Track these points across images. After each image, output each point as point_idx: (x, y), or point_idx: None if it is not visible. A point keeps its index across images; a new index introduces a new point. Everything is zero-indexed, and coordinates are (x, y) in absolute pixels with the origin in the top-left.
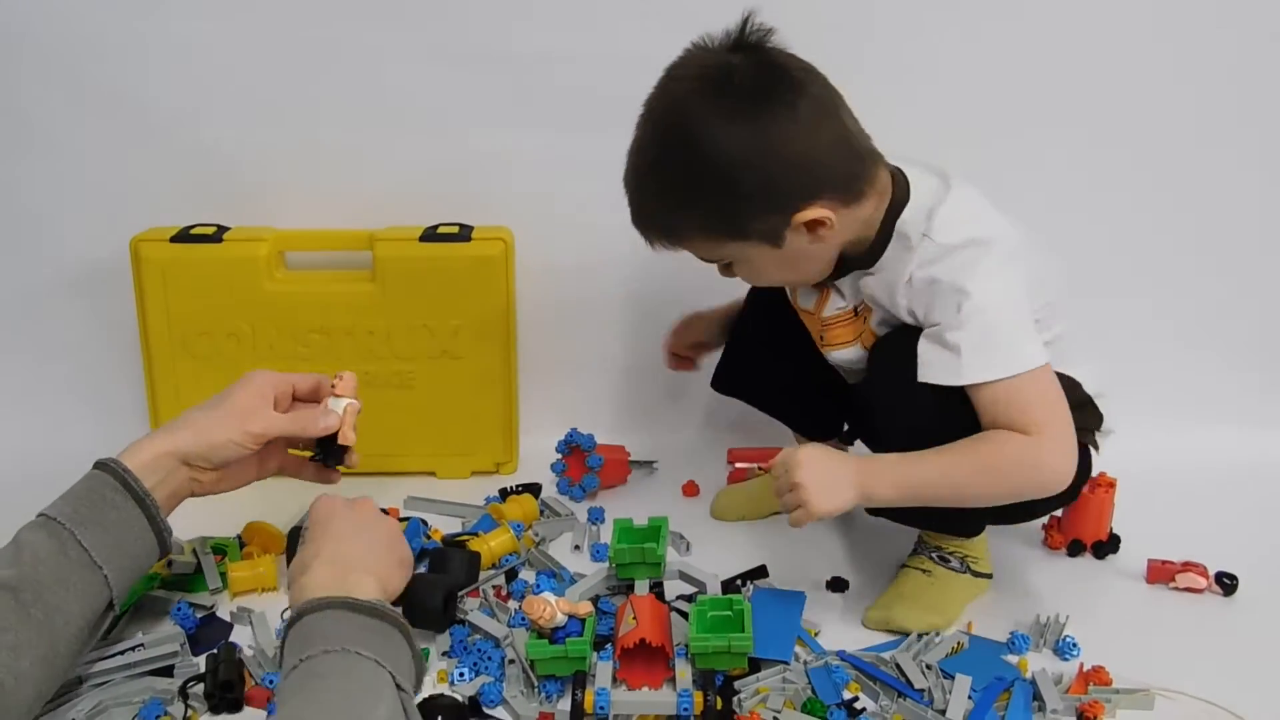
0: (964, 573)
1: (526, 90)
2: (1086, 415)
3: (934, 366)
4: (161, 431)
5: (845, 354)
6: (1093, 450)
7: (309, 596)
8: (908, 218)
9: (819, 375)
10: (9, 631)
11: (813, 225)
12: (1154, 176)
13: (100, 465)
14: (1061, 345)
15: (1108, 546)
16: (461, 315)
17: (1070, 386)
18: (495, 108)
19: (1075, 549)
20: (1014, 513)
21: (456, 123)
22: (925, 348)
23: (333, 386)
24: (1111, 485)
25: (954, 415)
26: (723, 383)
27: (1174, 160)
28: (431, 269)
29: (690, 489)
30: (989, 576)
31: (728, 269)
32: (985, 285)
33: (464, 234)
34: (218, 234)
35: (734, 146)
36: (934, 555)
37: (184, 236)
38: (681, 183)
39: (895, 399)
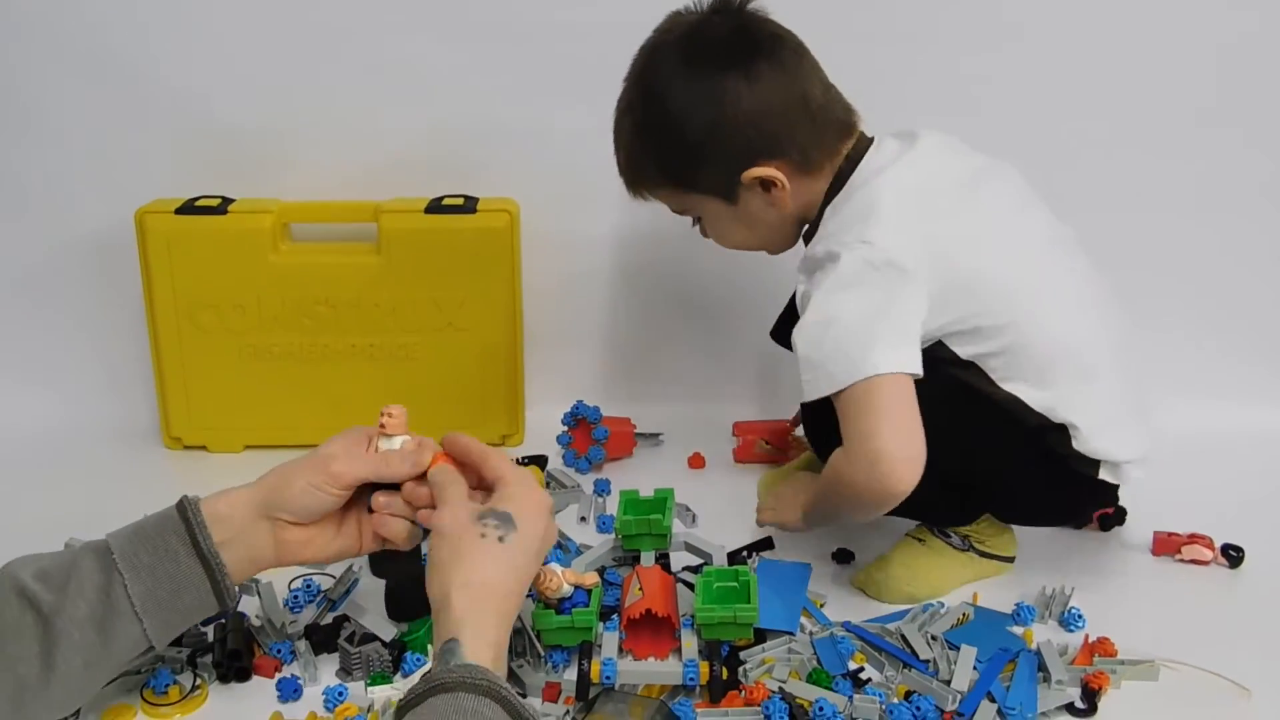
0: (965, 550)
1: (531, 61)
2: (1055, 439)
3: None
4: (255, 483)
5: None
6: (1106, 478)
7: (479, 649)
8: (826, 215)
9: None
10: (25, 662)
11: (766, 185)
12: (1162, 149)
13: (180, 505)
14: (1012, 361)
15: (1113, 519)
16: (467, 287)
17: (1022, 411)
18: (500, 79)
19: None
20: (1043, 517)
21: (461, 94)
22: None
23: (381, 426)
24: None
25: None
26: (781, 335)
27: (1180, 133)
28: (437, 241)
29: (696, 461)
30: (1007, 560)
31: (699, 226)
32: (820, 298)
33: (469, 206)
34: (222, 206)
35: (686, 100)
36: (935, 528)
37: (189, 208)
38: (641, 132)
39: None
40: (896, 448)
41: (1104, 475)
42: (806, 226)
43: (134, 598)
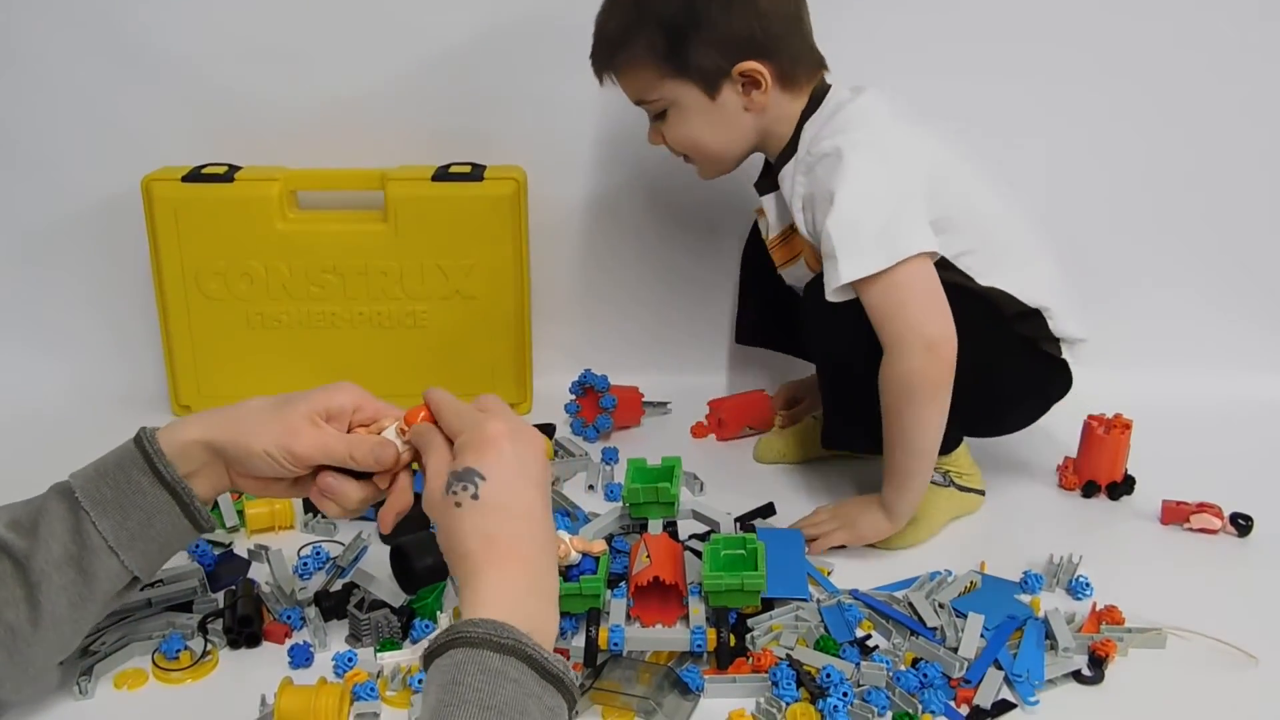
0: (946, 485)
1: (538, 28)
2: (1031, 324)
3: (829, 282)
4: (211, 413)
5: (791, 273)
6: (1067, 359)
7: (489, 605)
8: (806, 131)
9: None
10: (11, 607)
11: (749, 85)
12: (1170, 118)
13: (137, 439)
14: (986, 256)
15: (1122, 488)
16: (474, 255)
17: (1005, 301)
18: (507, 46)
19: (1090, 490)
20: (978, 426)
21: (469, 61)
22: (825, 266)
23: (403, 431)
24: (1128, 427)
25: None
26: (744, 336)
27: (1191, 99)
28: (444, 208)
29: (702, 430)
30: (980, 492)
31: (659, 121)
32: (848, 187)
33: (476, 173)
34: (229, 174)
35: None
36: None
37: (195, 176)
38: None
39: (815, 328)
40: (944, 328)
41: (1066, 356)
42: (759, 152)
43: (104, 533)
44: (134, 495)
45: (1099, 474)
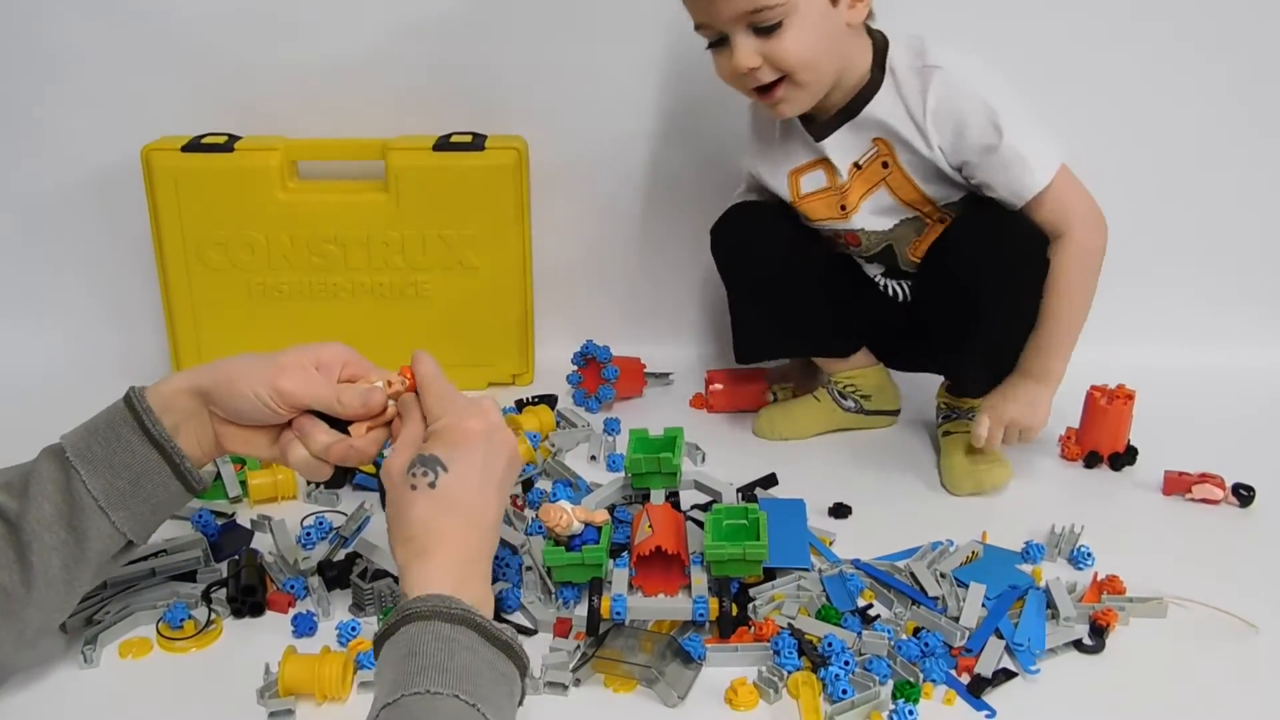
0: (957, 419)
1: None
2: None
3: (1019, 183)
4: (201, 366)
5: (869, 206)
6: None
7: (434, 585)
8: (896, 56)
9: (817, 302)
10: (3, 569)
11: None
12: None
13: (126, 398)
14: None
15: (1124, 458)
16: (475, 225)
17: None
18: (509, 15)
19: (1092, 460)
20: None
21: (470, 30)
22: (995, 175)
23: (390, 384)
24: (1130, 397)
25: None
26: (745, 355)
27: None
28: (445, 178)
29: (701, 401)
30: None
31: (763, 36)
32: (1002, 94)
33: (477, 143)
34: (229, 143)
35: None
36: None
37: (195, 146)
38: None
39: (968, 255)
40: (1096, 204)
41: None
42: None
43: (94, 492)
44: (123, 454)
45: (1101, 445)
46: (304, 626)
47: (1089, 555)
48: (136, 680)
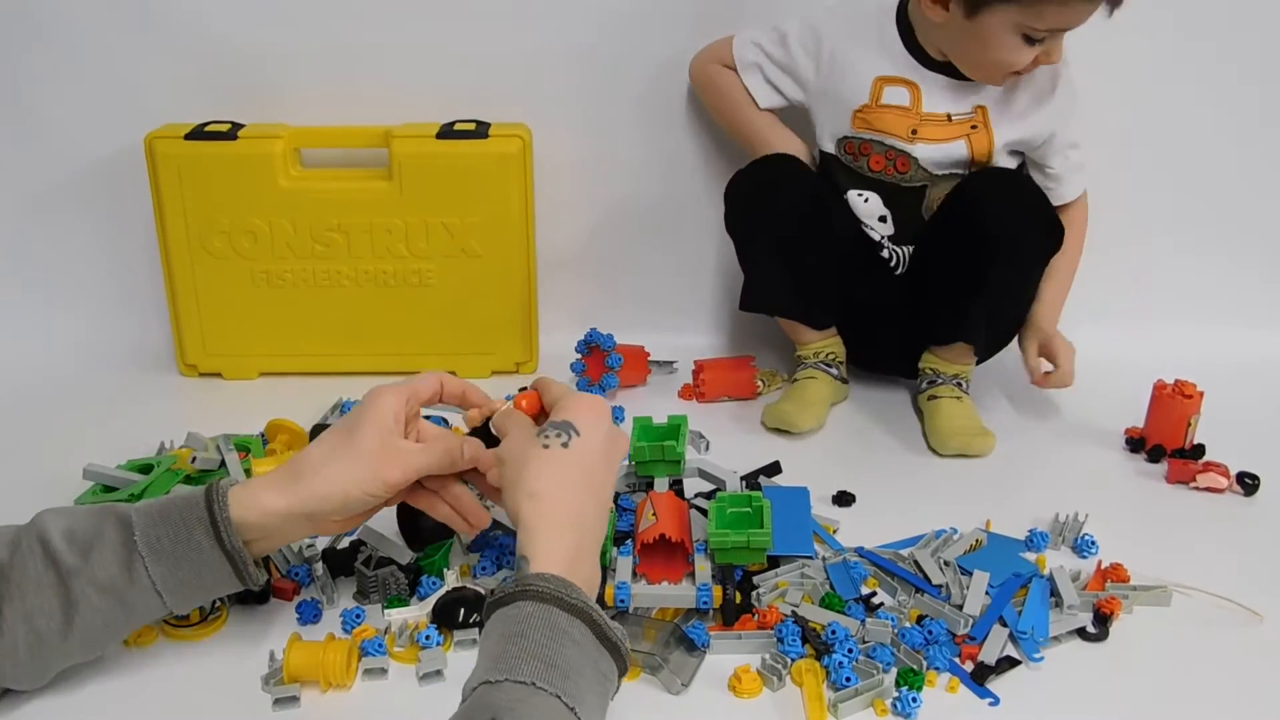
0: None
1: None
2: None
3: (1074, 189)
4: (284, 480)
5: (939, 149)
6: None
7: (554, 553)
8: None
9: (829, 265)
10: (44, 616)
11: None
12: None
13: (207, 498)
14: None
15: (1190, 454)
16: (479, 213)
17: None
18: (513, 2)
19: (1155, 454)
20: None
21: (473, 18)
22: (1066, 166)
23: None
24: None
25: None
26: (750, 303)
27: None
28: (449, 166)
29: (689, 392)
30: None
31: (1054, 39)
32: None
33: (481, 131)
34: (232, 131)
35: None
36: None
37: (198, 134)
38: None
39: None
40: None
41: None
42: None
43: (154, 578)
44: (191, 550)
45: (1164, 438)
46: (309, 614)
47: (1093, 543)
48: (142, 668)
